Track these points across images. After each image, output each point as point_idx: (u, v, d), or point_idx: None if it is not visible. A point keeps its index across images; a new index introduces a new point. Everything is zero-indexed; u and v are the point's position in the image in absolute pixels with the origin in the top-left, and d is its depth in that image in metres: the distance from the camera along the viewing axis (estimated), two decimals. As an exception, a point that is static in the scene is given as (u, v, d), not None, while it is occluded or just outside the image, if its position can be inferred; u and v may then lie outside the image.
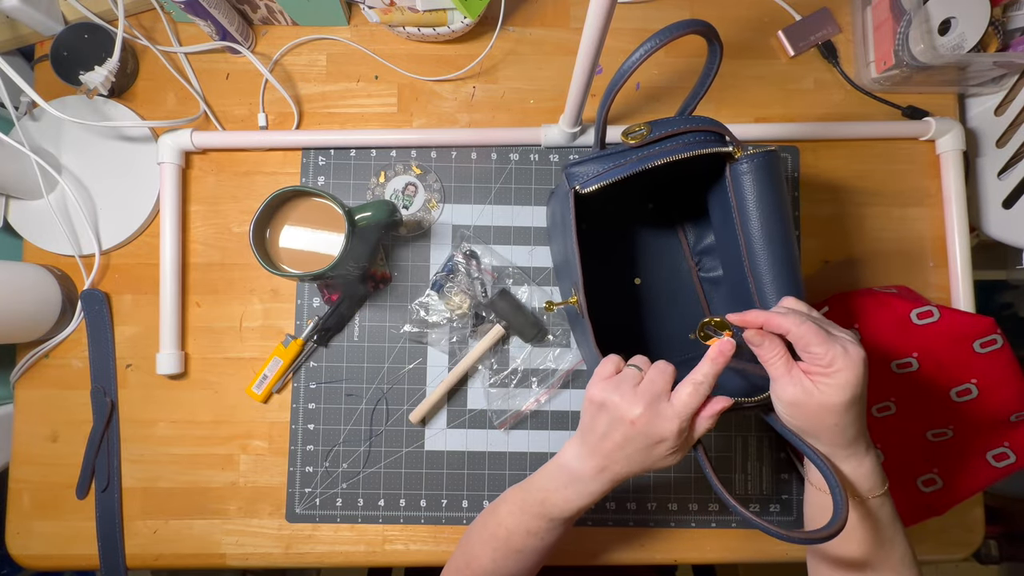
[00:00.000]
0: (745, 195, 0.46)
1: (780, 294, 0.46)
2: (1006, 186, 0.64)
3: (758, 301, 0.47)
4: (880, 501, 0.42)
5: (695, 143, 0.44)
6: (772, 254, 0.46)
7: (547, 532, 0.45)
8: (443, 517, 0.62)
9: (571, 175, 0.47)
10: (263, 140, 0.65)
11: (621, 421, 0.41)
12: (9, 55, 0.67)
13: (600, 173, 0.45)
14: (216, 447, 0.63)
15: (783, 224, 0.46)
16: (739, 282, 0.49)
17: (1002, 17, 0.60)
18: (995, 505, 1.13)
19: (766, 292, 0.46)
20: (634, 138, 0.44)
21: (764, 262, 0.46)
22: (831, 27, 0.67)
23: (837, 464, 0.41)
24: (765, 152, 0.46)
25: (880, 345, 0.59)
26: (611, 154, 0.46)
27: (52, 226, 0.63)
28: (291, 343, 0.62)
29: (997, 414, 0.56)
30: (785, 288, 0.46)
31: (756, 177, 0.45)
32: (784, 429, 0.43)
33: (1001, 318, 0.56)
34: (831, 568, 0.45)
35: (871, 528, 0.42)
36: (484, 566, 0.47)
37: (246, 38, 0.65)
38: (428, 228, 0.65)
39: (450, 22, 0.63)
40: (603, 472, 0.43)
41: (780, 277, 0.46)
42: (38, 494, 0.63)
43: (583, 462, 0.43)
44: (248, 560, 0.62)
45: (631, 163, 0.45)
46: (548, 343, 0.64)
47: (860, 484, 0.41)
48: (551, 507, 0.44)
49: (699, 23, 0.40)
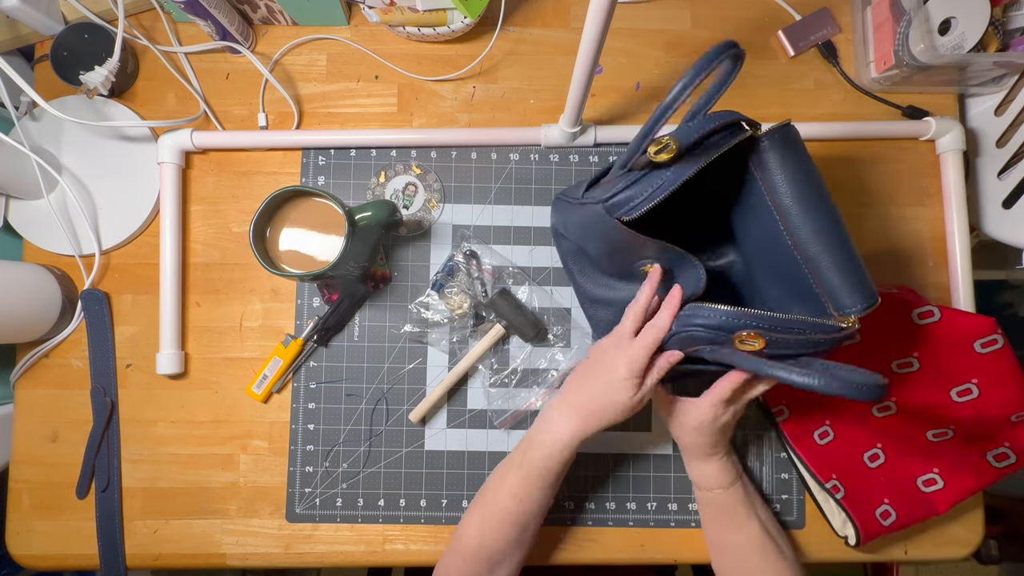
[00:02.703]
0: (773, 171, 0.45)
1: (837, 262, 0.44)
2: (1006, 186, 0.64)
3: (812, 273, 0.44)
4: (729, 492, 0.54)
5: (720, 140, 0.43)
6: (816, 221, 0.44)
7: (527, 494, 0.51)
8: (443, 517, 0.62)
9: (613, 207, 0.45)
10: (263, 140, 0.65)
11: (593, 353, 0.51)
12: (9, 55, 0.67)
13: (643, 199, 0.44)
14: (216, 447, 0.63)
15: (820, 190, 0.45)
16: (779, 262, 0.47)
17: (1002, 17, 0.60)
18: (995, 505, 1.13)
19: (820, 262, 0.44)
20: (666, 153, 0.42)
21: (810, 232, 0.44)
22: (831, 27, 0.67)
23: (696, 462, 0.56)
24: (783, 125, 0.45)
25: (881, 345, 0.59)
26: (645, 176, 0.44)
27: (52, 226, 0.63)
28: (291, 343, 0.62)
29: (998, 414, 0.56)
30: (841, 255, 0.44)
31: (781, 151, 0.44)
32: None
33: (1001, 318, 0.56)
34: (713, 549, 0.58)
35: (727, 512, 0.55)
36: (471, 539, 0.52)
37: (246, 38, 0.65)
38: (428, 228, 0.65)
39: (450, 22, 0.63)
40: (566, 404, 0.51)
41: (833, 247, 0.44)
42: (38, 494, 0.63)
43: (556, 402, 0.52)
44: (248, 560, 0.62)
45: (668, 181, 0.43)
46: (548, 343, 0.64)
47: (710, 476, 0.55)
48: (528, 460, 0.51)
49: (730, 46, 0.38)
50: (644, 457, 0.63)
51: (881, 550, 0.62)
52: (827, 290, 0.44)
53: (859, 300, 0.43)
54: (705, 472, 0.55)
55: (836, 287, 0.44)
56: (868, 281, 0.44)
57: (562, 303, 0.64)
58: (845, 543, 0.59)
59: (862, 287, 0.43)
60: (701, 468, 0.55)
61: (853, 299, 0.43)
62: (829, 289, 0.44)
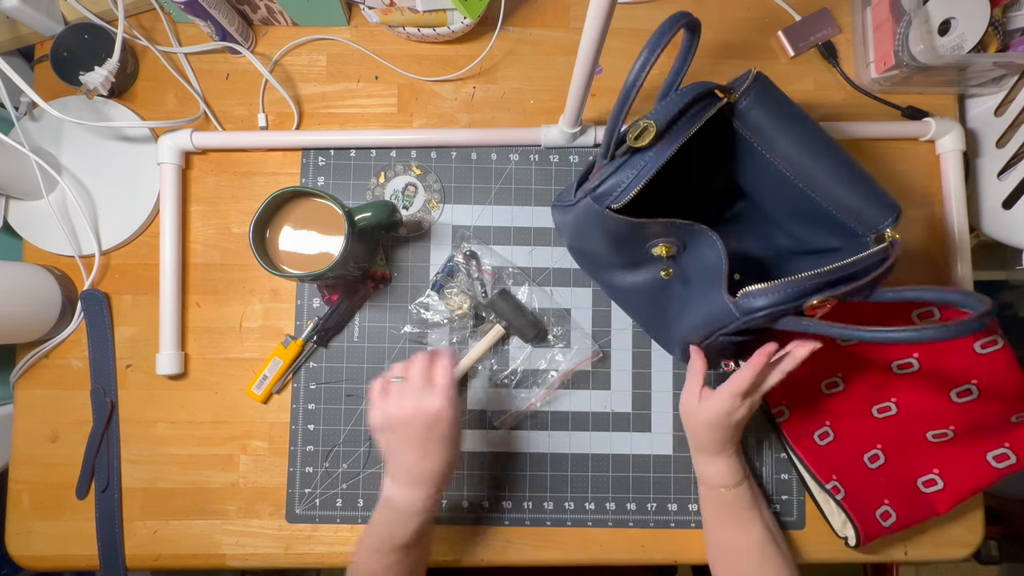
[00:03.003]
0: (762, 128, 0.45)
1: (851, 188, 0.45)
2: (1006, 186, 0.64)
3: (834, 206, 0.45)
4: (734, 492, 0.54)
5: (696, 114, 0.43)
6: (819, 158, 0.45)
7: (397, 562, 0.49)
8: (443, 517, 0.62)
9: (600, 197, 0.45)
10: (263, 140, 0.65)
11: (399, 423, 0.47)
12: (9, 55, 0.67)
13: (627, 184, 0.44)
14: (216, 447, 0.63)
15: (811, 127, 0.45)
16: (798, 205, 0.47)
17: (1002, 17, 0.60)
18: (995, 505, 1.13)
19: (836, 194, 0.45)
20: (644, 139, 0.43)
21: (817, 171, 0.45)
22: (831, 27, 0.67)
23: (705, 459, 0.55)
24: (754, 79, 0.45)
25: (881, 345, 0.59)
26: (627, 161, 0.44)
27: (52, 226, 0.63)
28: (291, 343, 0.62)
29: (997, 415, 0.56)
30: (852, 179, 0.45)
31: (763, 107, 0.45)
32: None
33: (1001, 318, 0.56)
34: (712, 549, 0.57)
35: (731, 513, 0.55)
36: None
37: (246, 38, 0.65)
38: (428, 228, 0.65)
39: (450, 22, 0.63)
40: (401, 475, 0.48)
41: (842, 175, 0.45)
42: (38, 494, 0.63)
43: (389, 482, 0.49)
44: (248, 560, 0.62)
45: (651, 162, 0.43)
46: (548, 343, 0.64)
47: (717, 475, 0.54)
48: (396, 535, 0.48)
49: (683, 15, 0.39)
50: (644, 458, 0.63)
51: (881, 551, 0.62)
52: (853, 216, 0.45)
53: (886, 213, 0.44)
54: (713, 470, 0.55)
55: (861, 211, 0.45)
56: (885, 193, 0.45)
57: (562, 303, 0.64)
58: (845, 544, 0.59)
59: (883, 201, 0.45)
60: (710, 465, 0.55)
61: (881, 215, 0.44)
62: (855, 215, 0.45)
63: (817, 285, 0.42)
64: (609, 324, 0.64)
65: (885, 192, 0.45)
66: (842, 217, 0.45)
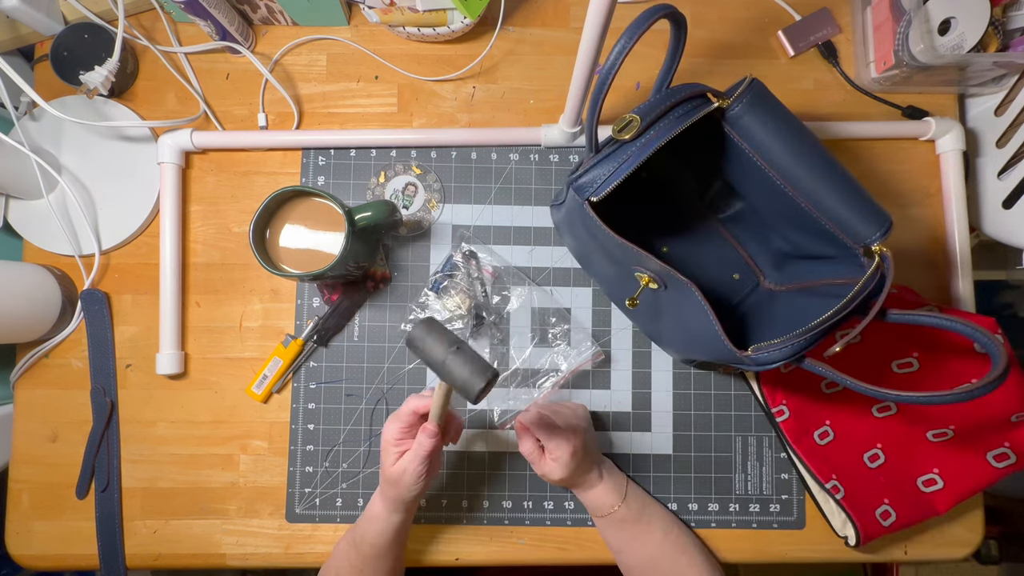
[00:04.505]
0: (753, 135, 0.45)
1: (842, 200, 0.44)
2: (1006, 186, 0.64)
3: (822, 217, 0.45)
4: (623, 507, 0.56)
5: (685, 114, 0.43)
6: (809, 168, 0.44)
7: (363, 563, 0.53)
8: (443, 517, 0.62)
9: (580, 188, 0.46)
10: (263, 140, 0.65)
11: (381, 450, 0.51)
12: (9, 55, 0.67)
13: (607, 176, 0.44)
14: (216, 447, 0.63)
15: (803, 135, 0.45)
16: (788, 212, 0.47)
17: (1002, 17, 0.60)
18: (995, 505, 1.13)
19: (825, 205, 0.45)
20: (627, 132, 0.43)
21: (807, 181, 0.45)
22: (831, 27, 0.67)
23: (579, 496, 0.59)
24: (748, 86, 0.45)
25: (881, 345, 0.59)
26: (611, 154, 0.45)
27: (52, 226, 0.63)
28: (291, 343, 0.62)
29: (998, 414, 0.56)
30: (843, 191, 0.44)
31: (754, 114, 0.45)
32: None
33: (1001, 318, 0.56)
34: (634, 572, 0.58)
35: (623, 529, 0.57)
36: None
37: (246, 38, 0.65)
38: (428, 228, 0.65)
39: (450, 22, 0.63)
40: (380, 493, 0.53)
41: (833, 187, 0.44)
42: (38, 494, 0.63)
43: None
44: (248, 560, 0.62)
45: (633, 156, 0.44)
46: (548, 344, 0.64)
47: (598, 504, 0.57)
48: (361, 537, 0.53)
49: (663, 7, 0.39)
50: (644, 457, 0.63)
51: (881, 550, 0.62)
52: (843, 228, 0.45)
53: (875, 227, 0.44)
54: (593, 497, 0.57)
55: (850, 224, 0.44)
56: (876, 206, 0.44)
57: (562, 303, 0.64)
58: (845, 543, 0.59)
59: (873, 214, 0.44)
60: (587, 496, 0.57)
61: (869, 228, 0.44)
62: (844, 227, 0.44)
63: (825, 332, 0.42)
64: (609, 324, 0.64)
65: (877, 205, 0.44)
66: (831, 229, 0.45)
